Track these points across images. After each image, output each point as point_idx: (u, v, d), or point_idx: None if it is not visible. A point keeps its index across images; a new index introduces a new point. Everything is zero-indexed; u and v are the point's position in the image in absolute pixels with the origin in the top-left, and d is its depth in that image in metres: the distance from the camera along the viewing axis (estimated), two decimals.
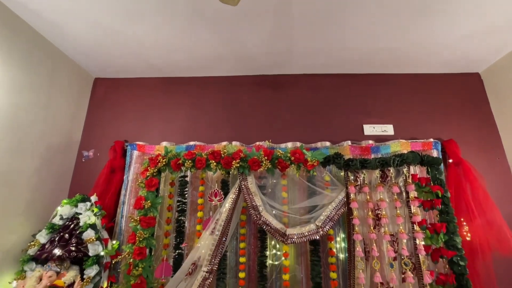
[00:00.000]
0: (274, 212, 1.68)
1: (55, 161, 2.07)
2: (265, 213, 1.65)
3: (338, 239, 1.76)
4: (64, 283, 1.56)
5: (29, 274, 1.63)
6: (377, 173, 1.73)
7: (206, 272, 1.59)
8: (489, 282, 1.73)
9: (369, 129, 2.28)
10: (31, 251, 1.69)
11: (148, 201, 1.68)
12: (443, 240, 1.54)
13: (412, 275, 1.52)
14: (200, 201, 1.83)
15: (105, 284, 1.68)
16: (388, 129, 2.28)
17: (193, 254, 1.65)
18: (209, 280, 1.59)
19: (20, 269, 1.67)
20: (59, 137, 2.12)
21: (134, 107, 2.43)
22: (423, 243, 1.57)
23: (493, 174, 2.13)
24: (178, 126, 2.34)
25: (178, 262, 1.71)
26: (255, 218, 1.65)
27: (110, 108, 2.43)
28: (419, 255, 1.54)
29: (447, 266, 1.55)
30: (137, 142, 2.17)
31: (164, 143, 2.12)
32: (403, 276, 1.55)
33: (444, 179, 1.85)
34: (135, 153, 2.15)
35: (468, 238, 1.79)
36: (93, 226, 1.74)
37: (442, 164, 1.79)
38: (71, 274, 1.62)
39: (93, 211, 1.80)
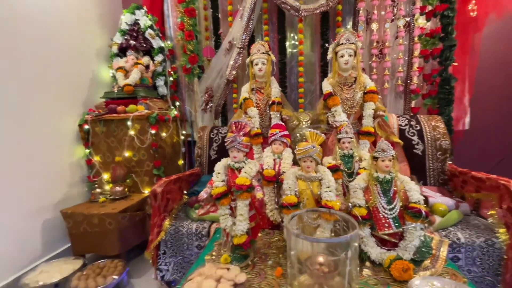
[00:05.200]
0: None
1: None
2: None
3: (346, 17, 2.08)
4: (143, 63, 2.24)
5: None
6: None
7: (239, 47, 2.11)
8: (473, 53, 2.02)
9: None
10: (114, 49, 2.34)
11: None
12: None
13: (404, 30, 1.87)
14: None
15: (170, 68, 2.34)
16: None
17: (228, 37, 2.15)
18: (242, 54, 2.13)
19: (111, 62, 2.37)
20: None
21: None
22: (421, 4, 1.83)
23: None
24: None
25: (217, 46, 2.26)
26: (275, 0, 1.99)
27: None
28: (415, 14, 1.83)
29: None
30: None
31: None
32: (397, 34, 1.90)
33: None
34: None
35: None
36: (151, 27, 2.26)
37: None
38: (146, 59, 2.28)
39: (147, 16, 2.29)
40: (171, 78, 2.34)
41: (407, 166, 1.66)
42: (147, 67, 2.27)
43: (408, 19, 1.86)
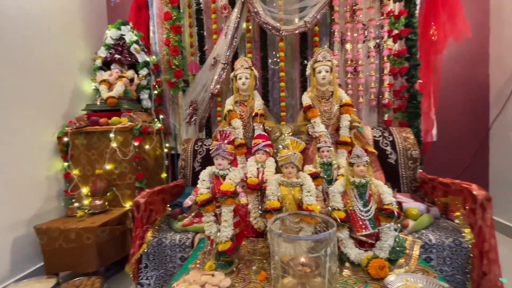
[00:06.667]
0: (272, 15, 2.13)
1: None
2: (265, 16, 2.10)
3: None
4: (128, 76, 2.26)
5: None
6: None
7: (224, 63, 2.20)
8: (435, 72, 2.25)
9: None
10: (98, 62, 2.35)
11: (174, 13, 2.16)
12: (403, 22, 1.97)
13: (374, 50, 2.05)
14: (213, 16, 2.29)
15: (154, 82, 2.38)
16: None
17: (212, 53, 2.24)
18: (226, 70, 2.22)
19: (94, 75, 2.37)
20: None
21: None
22: (388, 28, 2.03)
23: None
24: None
25: (202, 61, 2.34)
26: (258, 20, 2.12)
27: None
28: (384, 36, 2.03)
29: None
30: None
31: None
32: (368, 54, 2.08)
33: None
34: None
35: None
36: (136, 42, 2.31)
37: None
38: (130, 72, 2.31)
39: (133, 32, 2.35)
40: (155, 92, 2.37)
41: (382, 174, 1.77)
42: (131, 80, 2.30)
43: (377, 40, 2.06)
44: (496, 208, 2.35)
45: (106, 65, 2.34)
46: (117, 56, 2.25)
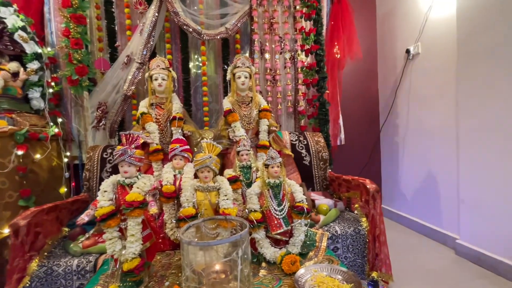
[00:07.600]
0: (193, 18, 2.08)
1: None
2: (185, 17, 2.03)
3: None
4: (9, 69, 1.81)
5: None
6: None
7: (139, 63, 2.01)
8: (339, 85, 2.61)
9: None
10: None
11: (76, 0, 1.87)
12: (313, 39, 2.22)
13: (290, 62, 2.23)
14: (126, 10, 2.09)
15: (49, 79, 1.99)
16: None
17: (126, 51, 2.03)
18: (142, 70, 2.04)
19: None
20: None
21: None
22: (300, 43, 2.24)
23: (361, 8, 2.84)
24: None
25: (113, 59, 2.08)
26: (177, 21, 2.03)
27: None
28: (297, 50, 2.23)
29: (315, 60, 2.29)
30: None
31: None
32: (285, 64, 2.25)
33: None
34: None
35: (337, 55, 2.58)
36: (23, 28, 1.89)
37: None
38: (13, 65, 1.86)
39: (18, 16, 1.91)
40: (50, 90, 1.97)
41: (298, 175, 1.91)
42: (15, 75, 1.85)
43: (292, 53, 2.25)
44: (386, 198, 2.87)
45: None
46: None
